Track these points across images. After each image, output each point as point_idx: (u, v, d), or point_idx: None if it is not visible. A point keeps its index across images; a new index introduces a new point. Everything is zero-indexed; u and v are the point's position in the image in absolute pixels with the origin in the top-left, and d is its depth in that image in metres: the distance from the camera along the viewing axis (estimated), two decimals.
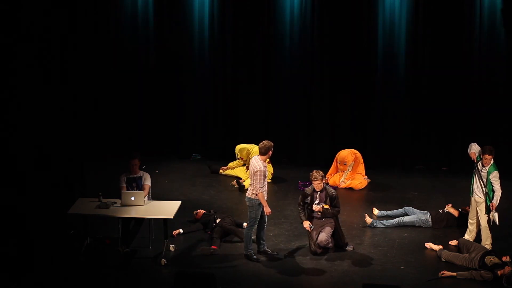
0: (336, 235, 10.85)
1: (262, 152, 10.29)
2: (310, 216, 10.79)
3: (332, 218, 10.76)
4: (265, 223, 10.62)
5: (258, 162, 10.24)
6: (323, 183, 10.65)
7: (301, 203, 10.78)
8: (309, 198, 10.70)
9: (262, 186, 10.17)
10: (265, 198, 10.33)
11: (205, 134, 15.21)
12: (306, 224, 10.63)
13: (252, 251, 10.51)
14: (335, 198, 10.69)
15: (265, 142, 10.35)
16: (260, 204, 10.27)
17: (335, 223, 10.79)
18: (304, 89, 14.67)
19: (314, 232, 10.71)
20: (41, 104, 13.29)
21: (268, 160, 13.79)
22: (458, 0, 13.88)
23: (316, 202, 10.70)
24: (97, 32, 14.73)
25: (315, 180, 10.58)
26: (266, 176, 10.31)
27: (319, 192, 10.68)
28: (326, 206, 10.66)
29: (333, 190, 10.73)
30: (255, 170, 10.19)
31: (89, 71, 14.77)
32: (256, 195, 10.21)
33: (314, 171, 10.64)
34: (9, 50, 12.81)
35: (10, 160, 12.37)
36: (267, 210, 10.29)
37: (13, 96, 12.90)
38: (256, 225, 10.45)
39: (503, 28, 13.75)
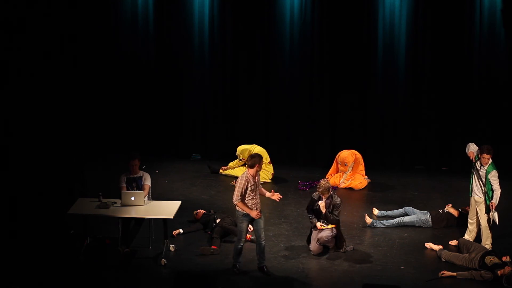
0: (337, 240, 10.84)
1: (248, 166, 9.93)
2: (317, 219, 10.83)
3: (335, 224, 10.75)
4: (261, 239, 10.01)
5: (242, 174, 9.90)
6: (330, 193, 10.63)
7: (310, 210, 10.76)
8: (317, 204, 10.69)
9: (239, 197, 9.77)
10: (257, 208, 9.89)
11: (205, 134, 15.21)
12: (318, 224, 10.65)
13: (237, 264, 10.19)
14: (337, 207, 10.67)
15: (254, 154, 10.10)
16: (244, 215, 9.91)
17: (336, 231, 10.79)
18: (304, 89, 14.67)
19: (316, 232, 10.72)
20: (41, 104, 13.31)
21: (269, 160, 13.89)
22: (458, 0, 13.89)
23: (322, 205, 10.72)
24: (97, 32, 14.73)
25: (322, 194, 10.55)
26: (253, 190, 9.84)
27: (324, 199, 10.67)
28: (330, 226, 10.66)
29: (338, 199, 10.69)
30: (237, 180, 9.98)
31: (89, 71, 14.78)
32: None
33: (322, 185, 10.53)
34: (10, 50, 12.83)
35: (10, 160, 12.39)
36: (252, 213, 9.84)
37: (13, 96, 12.92)
38: (243, 238, 10.06)
39: (503, 28, 13.76)
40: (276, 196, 10.12)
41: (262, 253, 10.14)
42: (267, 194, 10.15)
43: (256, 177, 9.94)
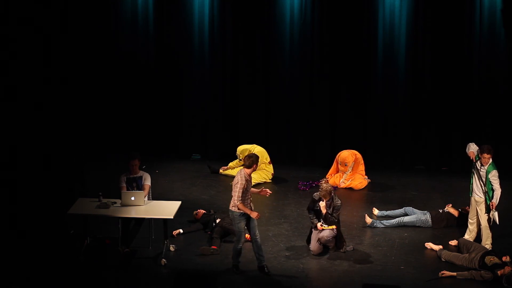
0: (337, 240, 10.84)
1: (246, 166, 9.96)
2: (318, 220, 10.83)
3: (335, 225, 10.75)
4: (256, 236, 10.01)
5: (240, 174, 9.92)
6: (332, 195, 10.63)
7: (311, 210, 10.75)
8: (318, 205, 10.69)
9: (241, 198, 9.81)
10: (251, 207, 9.98)
11: (205, 134, 15.21)
12: (319, 224, 10.65)
13: (237, 264, 10.20)
14: (337, 210, 10.67)
15: (251, 154, 10.12)
16: (241, 215, 9.91)
17: (337, 231, 10.79)
18: (304, 89, 14.67)
19: (317, 232, 10.72)
20: (41, 104, 13.30)
21: (269, 160, 13.89)
22: (458, 0, 13.89)
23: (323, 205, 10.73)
24: (97, 32, 14.73)
25: (324, 198, 10.55)
26: (248, 189, 9.91)
27: (325, 201, 10.67)
28: (331, 227, 10.68)
29: (339, 202, 10.68)
30: (235, 182, 9.93)
31: (89, 71, 14.78)
32: (237, 208, 9.88)
33: (324, 189, 10.52)
34: (8, 50, 12.83)
35: (10, 160, 12.39)
36: (253, 215, 9.86)
37: (13, 96, 12.91)
38: (242, 239, 10.06)
39: (503, 28, 13.76)
40: (264, 192, 10.20)
41: (260, 250, 10.13)
42: (258, 191, 10.25)
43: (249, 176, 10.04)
